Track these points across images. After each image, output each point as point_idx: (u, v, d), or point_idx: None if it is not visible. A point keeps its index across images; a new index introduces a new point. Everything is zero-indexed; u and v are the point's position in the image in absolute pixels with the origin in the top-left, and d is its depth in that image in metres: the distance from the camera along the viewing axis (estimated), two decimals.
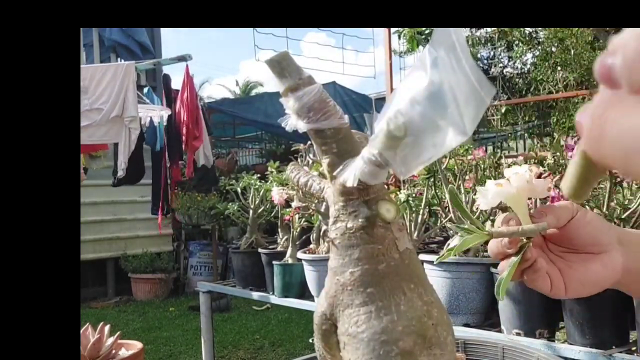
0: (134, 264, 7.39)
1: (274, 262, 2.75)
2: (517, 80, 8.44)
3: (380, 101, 9.03)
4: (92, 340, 2.29)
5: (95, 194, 7.06)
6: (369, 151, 0.37)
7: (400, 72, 6.84)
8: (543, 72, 7.54)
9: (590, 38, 7.28)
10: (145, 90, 5.84)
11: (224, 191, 4.84)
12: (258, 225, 3.18)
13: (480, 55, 8.65)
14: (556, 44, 7.59)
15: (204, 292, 3.26)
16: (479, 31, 8.39)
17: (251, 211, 3.12)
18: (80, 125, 4.19)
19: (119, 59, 7.30)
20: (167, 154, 5.96)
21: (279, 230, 2.98)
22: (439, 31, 0.31)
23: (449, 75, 0.30)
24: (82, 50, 6.20)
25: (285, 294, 2.71)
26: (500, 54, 8.69)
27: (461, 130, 0.30)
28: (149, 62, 5.42)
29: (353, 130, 0.53)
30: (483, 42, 8.65)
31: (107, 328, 2.39)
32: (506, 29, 7.97)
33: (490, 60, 8.82)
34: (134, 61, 5.25)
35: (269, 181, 2.99)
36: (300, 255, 2.58)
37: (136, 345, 2.49)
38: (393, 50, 6.24)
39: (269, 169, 3.00)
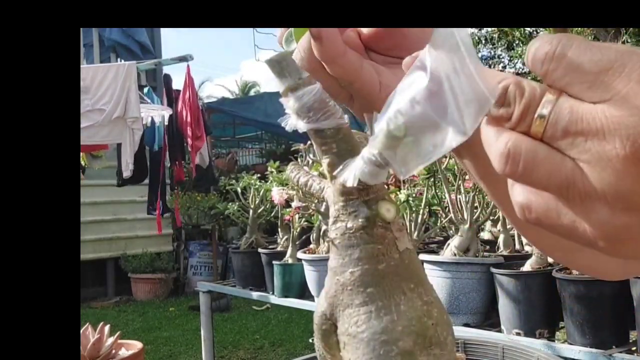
0: (134, 264, 7.39)
1: (274, 262, 2.75)
2: None
3: None
4: (92, 340, 2.29)
5: (96, 194, 7.06)
6: (369, 151, 0.37)
7: None
8: None
9: (590, 38, 7.29)
10: (145, 90, 5.84)
11: (224, 191, 4.85)
12: (258, 225, 3.19)
13: (480, 55, 8.67)
14: None
15: (204, 292, 3.26)
16: (481, 31, 8.40)
17: (251, 211, 3.12)
18: (83, 125, 4.18)
19: (118, 59, 7.30)
20: (168, 154, 5.95)
21: (279, 230, 2.98)
22: (440, 31, 0.31)
23: (450, 76, 0.30)
24: (82, 50, 6.20)
25: (285, 294, 2.70)
26: (500, 54, 8.71)
27: (461, 130, 0.30)
28: (150, 62, 5.43)
29: (353, 130, 0.53)
30: (483, 42, 8.66)
31: (107, 328, 2.39)
32: (506, 29, 7.97)
33: (490, 60, 8.83)
34: (135, 61, 5.25)
35: (269, 181, 2.99)
36: (300, 255, 2.58)
37: (136, 345, 2.49)
38: None
39: (269, 169, 3.00)
